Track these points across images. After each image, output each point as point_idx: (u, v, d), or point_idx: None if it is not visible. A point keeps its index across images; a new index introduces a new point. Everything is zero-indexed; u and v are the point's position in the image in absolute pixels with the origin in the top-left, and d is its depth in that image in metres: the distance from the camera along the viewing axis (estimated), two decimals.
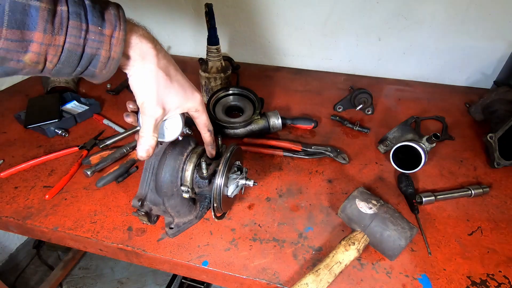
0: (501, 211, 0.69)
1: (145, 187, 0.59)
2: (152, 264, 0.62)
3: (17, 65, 0.33)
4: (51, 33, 0.32)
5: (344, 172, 0.79)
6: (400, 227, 0.56)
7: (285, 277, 0.56)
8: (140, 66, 0.43)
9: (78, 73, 0.38)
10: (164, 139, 0.54)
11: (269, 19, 1.23)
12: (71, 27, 0.33)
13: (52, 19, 0.32)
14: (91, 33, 0.35)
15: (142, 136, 0.47)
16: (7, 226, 0.68)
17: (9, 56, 0.31)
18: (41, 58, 0.33)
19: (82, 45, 0.35)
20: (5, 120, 0.95)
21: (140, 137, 0.47)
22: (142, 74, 0.43)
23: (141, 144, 0.47)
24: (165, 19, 1.33)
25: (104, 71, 0.39)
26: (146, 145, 0.47)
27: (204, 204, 0.64)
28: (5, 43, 0.30)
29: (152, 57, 0.43)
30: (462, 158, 0.84)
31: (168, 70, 0.46)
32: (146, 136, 0.47)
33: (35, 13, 0.30)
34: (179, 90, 0.48)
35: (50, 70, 0.35)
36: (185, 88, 0.50)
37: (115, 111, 1.00)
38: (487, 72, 1.17)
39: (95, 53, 0.36)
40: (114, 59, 0.38)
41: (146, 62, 0.43)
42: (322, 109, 1.03)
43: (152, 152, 0.48)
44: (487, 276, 0.56)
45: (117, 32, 0.37)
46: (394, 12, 1.10)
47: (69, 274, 1.64)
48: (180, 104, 0.49)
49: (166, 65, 0.46)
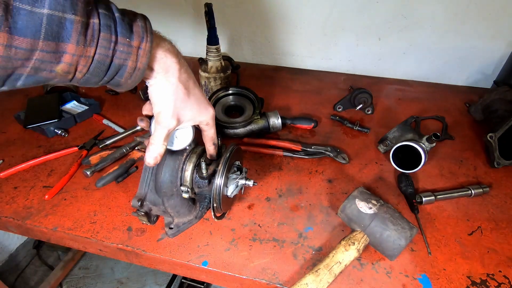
0: (501, 211, 0.69)
1: (145, 187, 0.59)
2: (152, 264, 0.62)
3: (49, 75, 0.34)
4: (83, 45, 0.33)
5: (344, 172, 0.79)
6: (400, 227, 0.56)
7: (285, 277, 0.56)
8: (163, 78, 0.44)
9: (104, 82, 0.39)
10: (173, 148, 0.55)
11: (269, 19, 1.23)
12: (102, 39, 0.35)
13: (85, 32, 0.33)
14: (120, 45, 0.36)
15: (153, 143, 0.48)
16: (7, 226, 0.68)
17: (43, 66, 0.33)
18: (72, 68, 0.35)
19: (111, 56, 0.36)
20: (5, 120, 0.95)
21: (150, 144, 0.48)
22: (163, 86, 0.45)
23: (150, 151, 0.48)
24: (165, 19, 1.32)
25: (129, 81, 0.40)
26: (155, 152, 0.48)
27: (203, 204, 0.64)
28: (41, 54, 0.31)
29: (175, 71, 0.45)
30: (462, 158, 0.84)
31: (188, 84, 0.48)
32: (156, 144, 0.48)
33: (70, 25, 0.32)
34: (195, 104, 0.50)
35: (78, 79, 0.37)
36: (200, 102, 0.51)
37: (115, 111, 1.00)
38: (487, 72, 1.17)
39: (122, 64, 0.38)
40: (139, 70, 0.40)
41: (168, 75, 0.44)
42: (322, 109, 1.03)
43: (159, 160, 0.49)
44: (487, 276, 0.56)
45: (144, 44, 0.38)
46: (394, 12, 1.10)
47: (69, 274, 1.64)
48: (193, 117, 0.51)
49: (187, 79, 0.47)
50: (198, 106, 0.51)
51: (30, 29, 0.30)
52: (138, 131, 0.90)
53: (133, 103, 1.04)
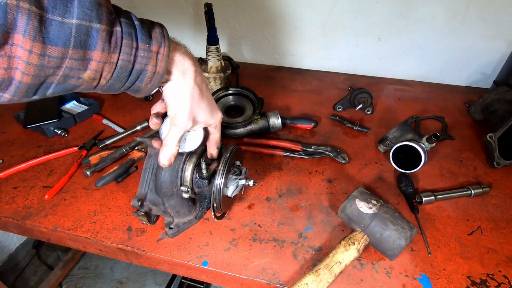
0: (501, 210, 0.69)
1: (145, 187, 0.59)
2: (152, 264, 0.62)
3: (76, 82, 0.35)
4: (108, 52, 0.35)
5: (344, 172, 0.79)
6: (400, 227, 0.56)
7: (285, 277, 0.56)
8: (180, 81, 0.45)
9: (126, 88, 0.41)
10: (185, 150, 0.56)
11: (269, 19, 1.23)
12: (124, 46, 0.36)
13: (109, 39, 0.35)
14: (140, 50, 0.38)
15: (167, 144, 0.49)
16: (7, 226, 0.68)
17: (71, 74, 0.34)
18: (97, 75, 0.36)
19: (133, 61, 0.38)
20: (5, 120, 0.95)
21: (164, 145, 0.49)
22: (180, 88, 0.46)
23: (164, 152, 0.49)
24: (164, 19, 1.32)
25: (149, 85, 0.42)
26: (169, 153, 0.49)
27: (203, 204, 0.64)
28: (70, 62, 0.33)
29: (192, 73, 0.46)
30: (462, 158, 0.84)
31: (202, 87, 0.49)
32: (170, 145, 0.49)
33: (96, 34, 0.33)
34: (207, 106, 0.51)
35: (102, 86, 0.38)
36: (212, 105, 0.53)
37: (115, 111, 1.00)
38: (486, 72, 1.17)
39: (143, 69, 0.39)
40: (159, 74, 0.41)
41: (186, 77, 0.45)
42: (322, 109, 1.03)
43: (173, 161, 0.50)
44: (487, 276, 0.56)
45: (163, 49, 0.40)
46: (394, 12, 1.10)
47: (69, 274, 1.64)
48: (205, 119, 0.52)
49: (201, 81, 0.49)
50: (210, 109, 0.52)
51: (61, 39, 0.31)
52: (138, 131, 0.90)
53: (133, 103, 1.04)
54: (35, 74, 0.32)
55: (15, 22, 0.28)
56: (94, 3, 0.32)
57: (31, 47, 0.30)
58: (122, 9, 0.38)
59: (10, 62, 0.30)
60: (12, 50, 0.30)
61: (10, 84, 0.31)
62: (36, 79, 0.32)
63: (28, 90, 0.33)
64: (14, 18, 0.28)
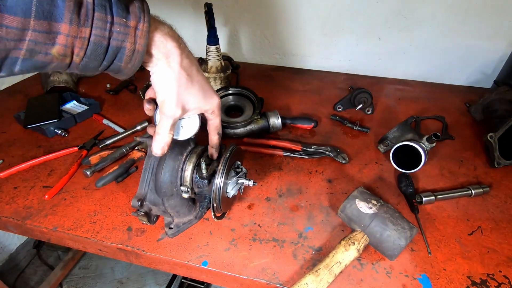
0: (501, 210, 0.69)
1: (145, 187, 0.59)
2: (152, 264, 0.62)
3: (45, 58, 0.33)
4: (77, 25, 0.32)
5: (344, 172, 0.79)
6: (400, 227, 0.55)
7: (285, 277, 0.56)
8: (164, 65, 0.42)
9: (104, 67, 0.38)
10: (179, 137, 0.54)
11: (269, 19, 1.23)
12: (97, 19, 0.33)
13: (78, 10, 0.32)
14: (116, 25, 0.35)
15: (159, 133, 0.47)
16: (7, 226, 0.68)
17: (37, 48, 0.31)
18: (68, 51, 0.33)
19: (108, 37, 0.35)
20: (5, 120, 0.95)
21: (156, 134, 0.47)
22: (165, 73, 0.43)
23: (156, 140, 0.48)
24: (164, 19, 1.32)
25: (130, 65, 0.39)
26: (161, 142, 0.48)
27: (203, 204, 0.64)
28: (33, 35, 0.30)
29: (176, 56, 0.43)
30: (462, 158, 0.84)
31: (190, 70, 0.46)
32: (162, 133, 0.47)
33: (61, 3, 0.30)
34: (199, 91, 0.48)
35: (77, 64, 0.35)
36: (205, 89, 0.50)
37: (115, 111, 1.00)
38: (487, 72, 1.17)
39: (121, 46, 0.36)
40: (139, 52, 0.38)
41: (170, 61, 0.42)
42: (322, 109, 1.03)
43: (167, 149, 0.49)
44: (487, 276, 0.56)
45: (142, 24, 0.37)
46: (394, 12, 1.10)
47: (69, 274, 1.65)
48: (198, 105, 0.49)
49: (189, 65, 0.45)
50: (203, 94, 0.49)
51: (20, 7, 0.29)
52: (138, 131, 0.90)
53: (133, 103, 1.04)
54: None
55: None
56: None
57: None
58: None
59: None
60: None
61: None
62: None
63: None
64: None
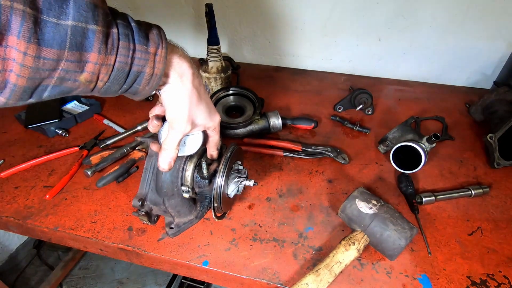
0: (501, 211, 0.69)
1: (146, 187, 0.59)
2: (153, 264, 0.62)
3: (73, 85, 0.35)
4: (104, 53, 0.35)
5: (344, 172, 0.79)
6: (400, 227, 0.56)
7: (285, 277, 0.56)
8: (178, 84, 0.45)
9: (123, 90, 0.40)
10: (184, 153, 0.55)
11: (269, 19, 1.23)
12: (121, 47, 0.36)
13: (106, 41, 0.34)
14: (138, 52, 0.38)
15: (166, 148, 0.49)
16: (7, 226, 0.68)
17: (67, 76, 0.34)
18: (94, 77, 0.36)
19: (130, 63, 0.38)
20: (6, 120, 0.95)
21: (163, 149, 0.49)
22: (178, 91, 0.45)
23: (163, 156, 0.49)
24: (165, 19, 1.33)
25: (147, 88, 0.41)
26: (168, 157, 0.49)
27: (204, 204, 0.64)
28: (66, 64, 0.33)
29: (190, 75, 0.45)
30: (462, 158, 0.84)
31: (200, 89, 0.48)
32: (169, 149, 0.49)
33: (92, 35, 0.33)
34: (206, 109, 0.51)
35: (99, 88, 0.38)
36: (210, 108, 0.52)
37: (116, 111, 1.00)
38: (487, 72, 1.17)
39: (141, 70, 0.39)
40: (157, 76, 0.41)
41: (183, 79, 0.45)
42: (322, 109, 1.03)
43: (173, 164, 0.50)
44: (487, 276, 0.56)
45: (160, 50, 0.40)
46: (394, 12, 1.10)
47: (69, 274, 1.65)
48: (204, 122, 0.52)
49: (199, 83, 0.48)
50: (208, 111, 0.51)
51: (57, 40, 0.31)
52: (138, 131, 0.90)
53: (133, 103, 1.04)
54: (30, 77, 0.31)
55: (9, 23, 0.28)
56: (89, 5, 0.32)
57: (26, 49, 0.29)
58: (118, 11, 0.38)
59: (5, 64, 0.30)
60: (6, 52, 0.29)
61: (5, 87, 0.31)
62: (31, 82, 0.32)
63: (24, 93, 0.32)
64: (8, 19, 0.28)
